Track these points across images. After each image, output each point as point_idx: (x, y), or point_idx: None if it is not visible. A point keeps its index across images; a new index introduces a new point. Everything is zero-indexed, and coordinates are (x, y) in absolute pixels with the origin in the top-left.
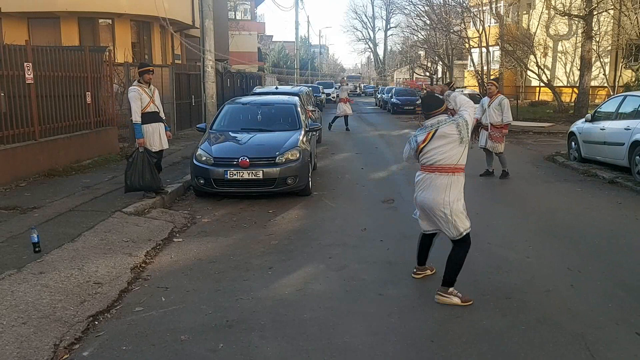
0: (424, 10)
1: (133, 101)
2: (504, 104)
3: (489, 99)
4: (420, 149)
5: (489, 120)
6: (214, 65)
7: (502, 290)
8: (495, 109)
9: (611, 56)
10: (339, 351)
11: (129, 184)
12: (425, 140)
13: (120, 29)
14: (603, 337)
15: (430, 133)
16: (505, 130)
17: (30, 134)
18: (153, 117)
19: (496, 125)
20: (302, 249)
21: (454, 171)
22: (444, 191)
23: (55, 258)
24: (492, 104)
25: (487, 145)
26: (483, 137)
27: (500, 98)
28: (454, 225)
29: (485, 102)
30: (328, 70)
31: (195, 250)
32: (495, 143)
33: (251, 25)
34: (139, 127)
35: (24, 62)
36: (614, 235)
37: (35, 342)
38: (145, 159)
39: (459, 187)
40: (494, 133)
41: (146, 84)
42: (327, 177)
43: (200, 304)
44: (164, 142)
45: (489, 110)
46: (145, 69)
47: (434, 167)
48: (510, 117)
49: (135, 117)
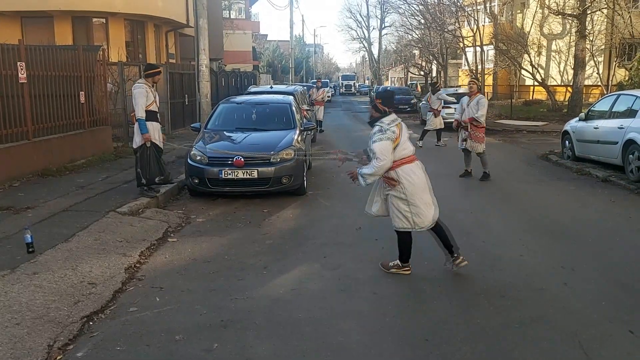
0: (418, 9)
1: (139, 97)
2: (481, 103)
3: (468, 97)
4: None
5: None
6: (208, 64)
7: (497, 289)
8: (473, 107)
9: (605, 55)
10: (333, 350)
11: (149, 177)
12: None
13: (114, 28)
14: (597, 335)
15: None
16: (467, 121)
17: (24, 133)
18: (154, 116)
19: (476, 125)
20: (297, 249)
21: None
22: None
23: (49, 258)
24: (471, 102)
25: (466, 144)
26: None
27: (479, 97)
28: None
29: (465, 101)
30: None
31: (189, 250)
32: (475, 143)
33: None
34: (144, 122)
35: (17, 61)
36: (607, 234)
37: (28, 343)
38: (153, 153)
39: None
40: (474, 132)
41: (152, 84)
42: (322, 176)
43: (194, 304)
44: (160, 142)
45: (468, 109)
46: (155, 70)
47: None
48: (482, 115)
49: (140, 112)
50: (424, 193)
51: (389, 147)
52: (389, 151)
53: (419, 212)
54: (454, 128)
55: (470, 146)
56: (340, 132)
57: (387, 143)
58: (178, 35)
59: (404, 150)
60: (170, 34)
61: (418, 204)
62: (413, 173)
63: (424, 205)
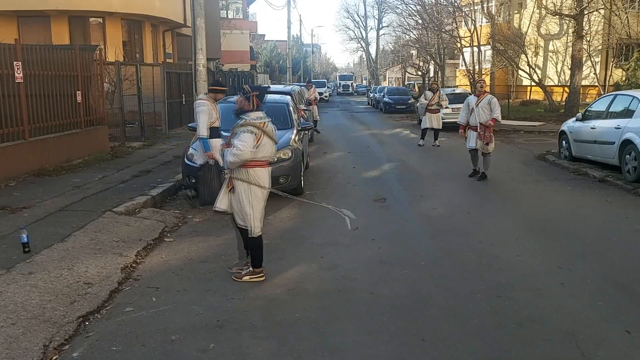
0: (415, 9)
1: (202, 115)
2: (493, 102)
3: (476, 98)
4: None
5: (478, 120)
6: (205, 64)
7: (493, 289)
8: (484, 107)
9: (602, 55)
10: (330, 351)
11: (204, 199)
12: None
13: (111, 28)
14: (593, 335)
15: (264, 124)
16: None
17: (20, 133)
18: (216, 132)
19: (486, 124)
20: (294, 249)
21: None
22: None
23: (45, 258)
24: (481, 103)
25: (477, 145)
26: (472, 138)
27: (489, 97)
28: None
29: (472, 102)
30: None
31: (186, 250)
32: (485, 143)
33: (243, 24)
34: (207, 141)
35: (14, 60)
36: (604, 234)
37: (24, 343)
38: (215, 172)
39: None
40: (483, 132)
41: (214, 100)
42: (319, 176)
43: (191, 304)
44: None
45: (477, 109)
46: (220, 88)
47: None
48: (500, 114)
49: (203, 131)
50: (262, 200)
51: (251, 140)
52: (251, 144)
53: (257, 218)
54: (461, 135)
55: (481, 147)
56: (337, 132)
57: (250, 136)
58: (175, 35)
59: (262, 152)
60: (168, 33)
61: (258, 209)
62: (262, 178)
63: (259, 213)
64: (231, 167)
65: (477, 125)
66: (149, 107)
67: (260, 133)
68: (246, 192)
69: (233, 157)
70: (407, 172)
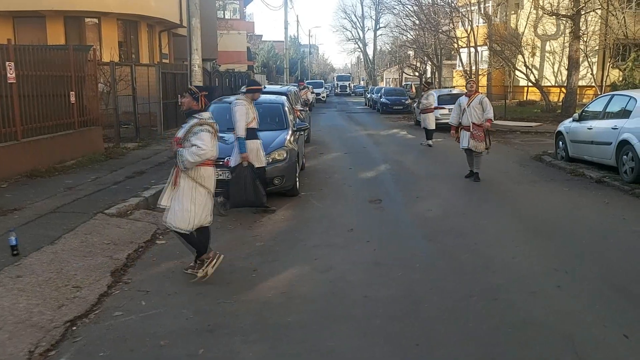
0: (412, 10)
1: (240, 116)
2: (485, 102)
3: (467, 98)
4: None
5: (470, 120)
6: (200, 64)
7: (489, 291)
8: (476, 107)
9: (599, 56)
10: (323, 355)
11: (235, 200)
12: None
13: (106, 28)
14: (590, 338)
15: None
16: (489, 124)
17: (12, 134)
18: (254, 133)
19: (478, 124)
20: (288, 251)
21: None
22: None
23: (34, 261)
24: (472, 103)
25: (469, 145)
26: (465, 138)
27: (481, 96)
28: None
29: (464, 102)
30: (318, 69)
31: (178, 252)
32: (478, 142)
33: (240, 24)
34: (244, 141)
35: (6, 61)
36: (601, 235)
37: (9, 348)
38: (249, 174)
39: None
40: (476, 132)
41: (251, 100)
42: (315, 177)
43: (181, 308)
44: (262, 158)
45: (469, 109)
46: (257, 87)
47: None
48: (492, 114)
49: (240, 131)
50: (205, 198)
51: (209, 139)
52: (211, 143)
53: (197, 215)
54: (451, 136)
55: (473, 146)
56: (334, 133)
57: (209, 135)
58: (171, 35)
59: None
60: (164, 34)
61: (200, 207)
62: (209, 178)
63: (201, 210)
64: (189, 167)
65: (469, 125)
66: (144, 108)
67: (214, 132)
68: (191, 190)
69: (194, 157)
70: (403, 172)
